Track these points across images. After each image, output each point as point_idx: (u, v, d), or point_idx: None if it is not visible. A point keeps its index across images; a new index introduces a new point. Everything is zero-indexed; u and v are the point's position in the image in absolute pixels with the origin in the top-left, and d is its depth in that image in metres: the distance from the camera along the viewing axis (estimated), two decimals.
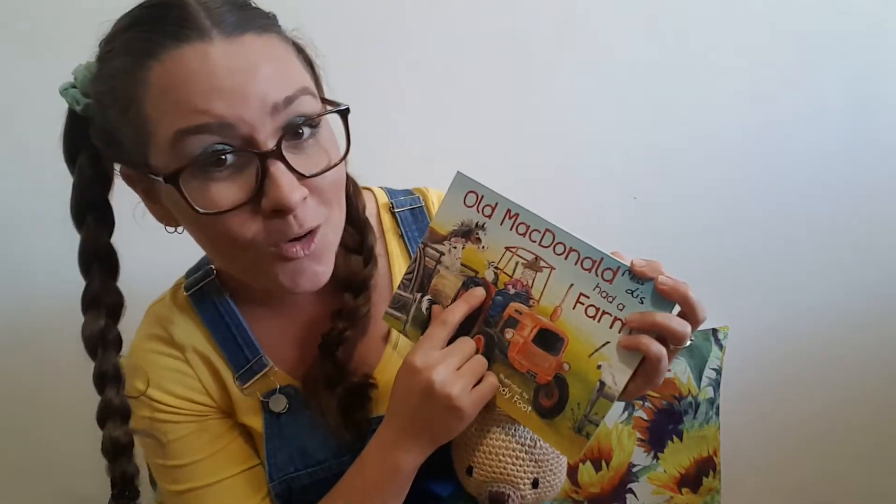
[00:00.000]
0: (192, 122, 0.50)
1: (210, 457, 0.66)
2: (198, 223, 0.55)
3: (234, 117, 0.50)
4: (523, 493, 0.60)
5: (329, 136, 0.58)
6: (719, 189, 1.16)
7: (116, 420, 0.59)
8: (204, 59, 0.50)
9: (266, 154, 0.51)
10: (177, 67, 0.50)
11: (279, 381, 0.68)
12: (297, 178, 0.53)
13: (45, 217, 1.01)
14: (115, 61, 0.53)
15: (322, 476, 0.68)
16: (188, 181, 0.51)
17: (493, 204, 0.59)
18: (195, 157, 0.50)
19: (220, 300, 0.68)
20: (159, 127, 0.51)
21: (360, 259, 0.68)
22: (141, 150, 0.53)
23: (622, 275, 0.55)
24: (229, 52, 0.50)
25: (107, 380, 0.59)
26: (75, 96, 0.57)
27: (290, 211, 0.52)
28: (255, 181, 0.52)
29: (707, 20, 1.09)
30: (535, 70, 1.08)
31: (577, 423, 0.57)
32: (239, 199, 0.52)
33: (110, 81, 0.53)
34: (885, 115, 1.15)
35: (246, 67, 0.51)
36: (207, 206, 0.52)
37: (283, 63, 0.54)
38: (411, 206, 0.76)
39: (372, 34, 0.65)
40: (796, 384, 1.28)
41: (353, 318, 0.66)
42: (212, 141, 0.50)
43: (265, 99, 0.51)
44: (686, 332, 0.53)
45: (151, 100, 0.51)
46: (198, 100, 0.49)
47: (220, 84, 0.49)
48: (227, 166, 0.52)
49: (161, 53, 0.50)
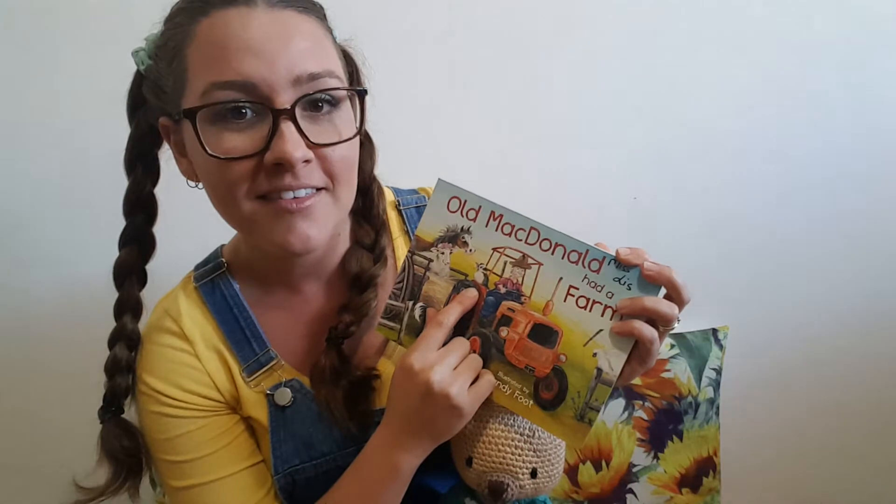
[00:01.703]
0: (222, 77, 0.55)
1: (215, 452, 0.66)
2: (207, 168, 0.59)
3: (259, 78, 0.55)
4: (522, 483, 0.61)
5: (347, 119, 0.61)
6: (719, 189, 1.17)
7: (124, 344, 0.66)
8: (245, 21, 0.55)
9: (279, 111, 0.55)
10: (220, 25, 0.56)
11: (285, 374, 0.69)
12: (304, 141, 0.57)
13: (44, 217, 1.02)
14: (175, 19, 0.60)
15: (326, 468, 0.68)
16: (206, 125, 0.56)
17: (477, 207, 0.60)
18: (217, 103, 0.55)
19: (229, 293, 0.69)
20: (196, 77, 0.56)
21: (372, 257, 0.70)
22: (177, 97, 0.59)
23: (608, 264, 0.57)
24: (269, 19, 0.56)
25: (126, 308, 0.67)
26: (142, 58, 0.62)
27: (289, 166, 0.56)
28: (266, 137, 0.56)
29: (707, 20, 1.09)
30: (535, 70, 1.09)
31: (578, 412, 0.58)
32: (247, 150, 0.56)
33: (166, 35, 0.60)
34: (885, 115, 1.16)
35: (281, 36, 0.56)
36: (217, 150, 0.56)
37: (317, 43, 0.59)
38: (417, 204, 0.78)
39: (372, 35, 0.65)
40: (796, 384, 1.28)
41: (360, 313, 0.67)
42: (235, 96, 0.55)
43: (292, 68, 0.55)
44: (674, 313, 0.56)
45: (193, 51, 0.57)
46: (231, 57, 0.55)
47: (255, 46, 0.55)
48: (246, 120, 0.56)
49: (210, 11, 0.56)
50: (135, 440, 0.66)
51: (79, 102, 0.98)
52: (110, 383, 0.66)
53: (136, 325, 0.67)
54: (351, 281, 0.69)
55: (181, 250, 0.73)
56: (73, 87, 0.98)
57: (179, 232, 0.70)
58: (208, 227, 0.67)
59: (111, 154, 0.67)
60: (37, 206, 1.02)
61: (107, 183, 0.67)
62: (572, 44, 1.09)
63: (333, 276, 0.71)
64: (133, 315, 0.67)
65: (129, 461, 0.66)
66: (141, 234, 0.67)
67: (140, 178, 0.66)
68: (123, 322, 0.66)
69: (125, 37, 0.63)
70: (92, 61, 0.97)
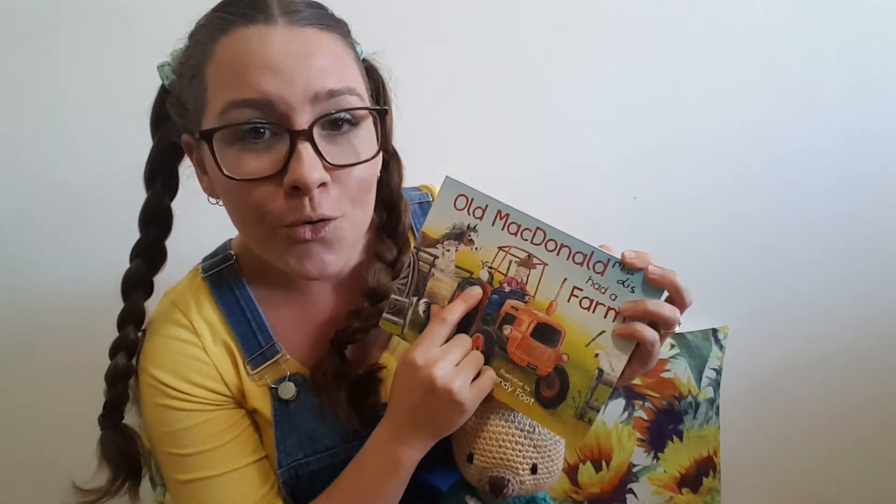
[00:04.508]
0: (239, 96, 0.54)
1: (221, 447, 0.66)
2: (226, 189, 0.59)
3: (276, 96, 0.54)
4: (522, 479, 0.62)
5: (367, 138, 0.61)
6: (719, 189, 1.17)
7: (125, 354, 0.66)
8: (265, 39, 0.55)
9: (297, 132, 0.55)
10: (239, 43, 0.55)
11: (290, 368, 0.69)
12: (322, 162, 0.56)
13: (46, 217, 1.03)
14: (197, 36, 0.60)
15: (330, 462, 0.69)
16: (224, 146, 0.56)
17: (484, 206, 0.61)
18: (233, 125, 0.55)
19: (237, 284, 0.69)
20: (215, 96, 0.56)
21: (392, 273, 0.70)
22: (198, 115, 0.59)
23: (612, 266, 0.58)
24: (288, 37, 0.56)
25: (130, 319, 0.67)
26: (167, 73, 0.63)
27: (307, 190, 0.55)
28: (284, 158, 0.55)
29: (706, 20, 1.10)
30: (535, 70, 1.09)
31: (578, 411, 0.59)
32: (265, 171, 0.56)
33: (188, 52, 0.60)
34: (885, 115, 1.16)
35: (300, 54, 0.55)
36: (235, 172, 0.56)
37: (337, 60, 0.58)
38: (420, 200, 0.79)
39: (371, 36, 0.66)
40: (796, 384, 1.28)
41: (369, 321, 0.68)
42: (252, 115, 0.55)
43: (309, 85, 0.55)
44: (676, 317, 0.57)
45: (212, 69, 0.57)
46: (250, 74, 0.54)
47: (273, 63, 0.54)
48: (264, 140, 0.56)
49: (231, 30, 0.56)
50: (134, 445, 0.67)
51: (83, 104, 0.99)
52: (111, 392, 0.66)
53: (138, 335, 0.67)
54: (367, 292, 0.69)
55: (186, 244, 0.72)
56: (74, 89, 0.99)
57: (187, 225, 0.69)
58: (216, 220, 0.67)
59: (118, 155, 0.67)
60: (37, 207, 1.02)
61: (115, 183, 0.67)
62: (573, 44, 1.09)
63: (345, 279, 0.71)
64: (136, 326, 0.67)
65: (129, 466, 0.66)
66: (153, 247, 0.67)
67: (158, 191, 0.66)
68: (126, 332, 0.66)
69: (139, 41, 0.63)
70: (97, 62, 0.97)
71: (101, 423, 0.66)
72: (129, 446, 0.67)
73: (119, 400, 0.66)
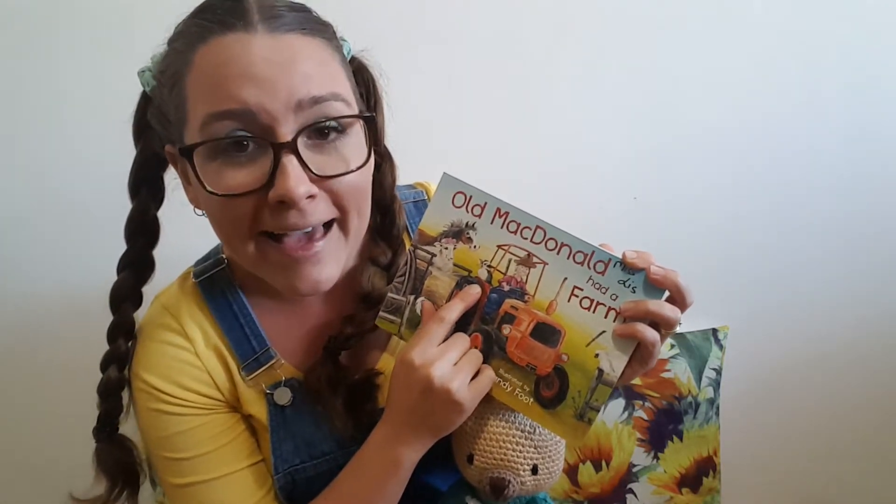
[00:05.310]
0: (219, 107, 0.52)
1: (216, 450, 0.65)
2: (210, 205, 0.57)
3: (258, 106, 0.52)
4: (523, 480, 0.61)
5: (356, 145, 0.59)
6: (719, 189, 1.17)
7: (116, 366, 0.65)
8: (245, 47, 0.53)
9: (281, 145, 0.53)
10: (218, 51, 0.53)
11: (285, 373, 0.68)
12: (308, 175, 0.54)
13: (46, 217, 1.02)
14: (175, 44, 0.57)
15: (327, 467, 0.68)
16: (206, 161, 0.54)
17: (483, 203, 0.60)
18: (214, 139, 0.53)
19: (229, 289, 0.68)
20: (194, 107, 0.54)
21: (386, 276, 0.68)
22: (179, 128, 0.57)
23: (613, 266, 0.57)
24: (269, 45, 0.53)
25: (120, 332, 0.65)
26: (148, 79, 0.60)
27: (293, 204, 0.53)
28: (268, 172, 0.53)
29: (706, 20, 1.09)
30: (535, 70, 1.09)
31: (578, 411, 0.59)
32: (248, 186, 0.54)
33: (167, 60, 0.57)
34: (885, 115, 1.16)
35: (282, 61, 0.53)
36: (218, 187, 0.54)
37: (321, 65, 0.56)
38: (414, 199, 0.78)
39: (371, 37, 0.65)
40: (796, 384, 1.28)
41: (363, 327, 0.67)
42: (233, 127, 0.53)
43: (292, 93, 0.53)
44: (677, 317, 0.56)
45: (191, 80, 0.54)
46: (230, 84, 0.52)
47: (253, 72, 0.52)
48: (247, 153, 0.54)
49: (209, 38, 0.54)
50: (130, 455, 0.67)
51: (83, 104, 0.99)
52: (104, 405, 0.65)
53: (128, 347, 0.66)
54: (360, 297, 0.68)
55: (178, 244, 0.71)
56: (74, 89, 0.99)
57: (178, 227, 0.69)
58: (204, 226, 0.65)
59: (119, 155, 0.66)
60: (37, 207, 1.02)
61: (115, 184, 0.67)
62: (573, 44, 1.08)
63: (339, 283, 0.71)
64: (126, 338, 0.66)
65: (126, 476, 0.66)
66: (140, 258, 0.66)
67: (144, 201, 0.64)
68: (117, 345, 0.65)
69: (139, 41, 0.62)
70: (97, 62, 0.97)
71: (96, 436, 0.66)
72: (126, 456, 0.66)
73: (113, 412, 0.65)
